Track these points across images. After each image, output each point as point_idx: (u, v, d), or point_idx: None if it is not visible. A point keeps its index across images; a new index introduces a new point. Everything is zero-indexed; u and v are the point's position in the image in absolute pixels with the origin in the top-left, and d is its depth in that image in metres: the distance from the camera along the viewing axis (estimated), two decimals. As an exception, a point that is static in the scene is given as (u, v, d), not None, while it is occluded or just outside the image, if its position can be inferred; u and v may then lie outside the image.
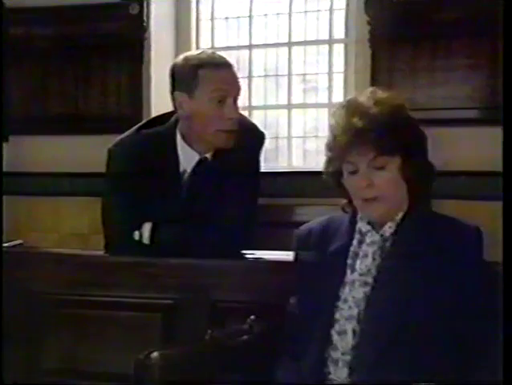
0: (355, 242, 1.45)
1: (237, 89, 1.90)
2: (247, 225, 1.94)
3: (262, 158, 2.10)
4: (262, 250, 1.89)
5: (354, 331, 1.38)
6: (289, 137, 3.40)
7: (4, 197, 2.87)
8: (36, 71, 3.38)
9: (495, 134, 2.77)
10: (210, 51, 1.96)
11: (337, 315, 1.40)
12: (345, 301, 1.40)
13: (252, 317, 1.53)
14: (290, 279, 1.56)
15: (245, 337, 1.51)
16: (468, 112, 2.85)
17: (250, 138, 2.00)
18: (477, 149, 2.80)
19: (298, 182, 3.13)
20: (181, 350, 1.49)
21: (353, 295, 1.39)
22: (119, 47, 3.31)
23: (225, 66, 1.88)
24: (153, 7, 3.33)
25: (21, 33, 3.32)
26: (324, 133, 3.34)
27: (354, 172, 1.39)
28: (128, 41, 3.30)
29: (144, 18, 3.30)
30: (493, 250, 1.45)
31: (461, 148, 2.76)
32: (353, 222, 1.48)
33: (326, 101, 3.34)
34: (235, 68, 1.94)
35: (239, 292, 1.74)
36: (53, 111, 3.41)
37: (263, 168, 2.18)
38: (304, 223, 3.04)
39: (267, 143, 3.34)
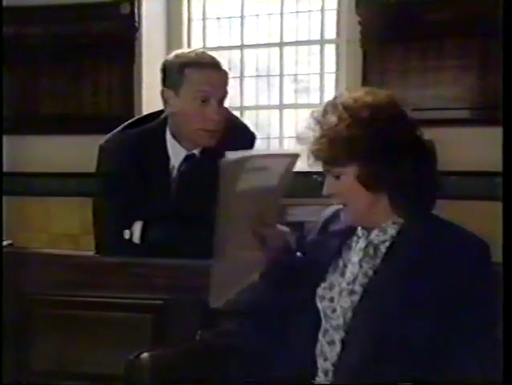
0: (353, 243, 1.41)
1: (223, 91, 1.88)
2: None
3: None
4: (253, 250, 1.89)
5: (342, 341, 1.34)
6: (280, 137, 3.40)
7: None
8: (27, 71, 3.37)
9: (486, 134, 2.80)
10: (201, 51, 1.95)
11: (327, 325, 1.37)
12: (334, 310, 1.37)
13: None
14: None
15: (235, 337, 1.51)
16: (458, 112, 2.86)
17: (240, 137, 2.00)
18: (467, 149, 2.82)
19: (290, 182, 3.13)
20: (172, 351, 1.49)
21: (341, 304, 1.36)
22: (110, 47, 3.30)
23: (212, 66, 1.87)
24: (145, 7, 3.32)
25: (12, 32, 3.30)
26: (316, 133, 3.35)
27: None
28: (120, 40, 3.30)
29: (136, 18, 3.29)
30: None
31: (452, 148, 2.77)
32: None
33: (317, 101, 3.34)
34: (225, 69, 1.93)
35: (230, 292, 1.73)
36: (43, 111, 3.41)
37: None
38: (295, 223, 3.03)
39: (259, 144, 3.36)
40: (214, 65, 1.87)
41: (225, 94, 1.89)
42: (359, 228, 1.40)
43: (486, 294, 1.28)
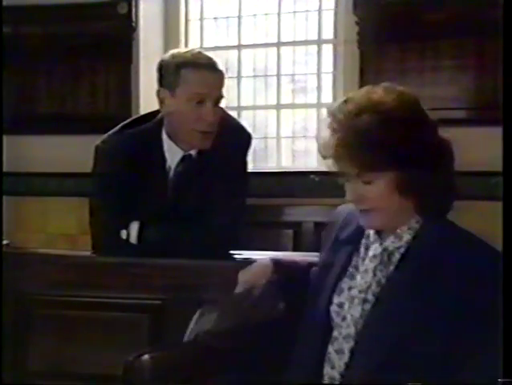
0: (362, 247, 1.36)
1: (219, 92, 1.88)
2: (233, 225, 1.94)
3: (250, 158, 2.09)
4: (250, 250, 1.89)
5: (351, 351, 1.30)
6: (278, 137, 3.40)
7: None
8: (23, 70, 3.36)
9: (482, 134, 2.81)
10: (198, 51, 1.94)
11: (335, 333, 1.33)
12: (344, 318, 1.32)
13: (240, 317, 1.52)
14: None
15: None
16: (455, 112, 2.86)
17: (237, 137, 2.00)
18: (464, 149, 2.82)
19: (287, 182, 3.14)
20: (171, 352, 1.48)
21: (351, 313, 1.31)
22: (107, 47, 3.29)
23: (209, 67, 1.86)
24: (142, 7, 3.32)
25: (8, 31, 3.29)
26: (313, 133, 3.35)
27: (347, 180, 1.29)
28: (117, 40, 3.29)
29: (133, 18, 3.29)
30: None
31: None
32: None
33: (315, 101, 3.35)
34: (221, 70, 1.91)
35: (228, 292, 1.73)
36: (41, 111, 3.40)
37: (252, 168, 2.18)
38: (293, 223, 3.05)
39: (256, 144, 3.36)
40: (210, 66, 1.87)
41: (220, 95, 1.89)
42: (372, 232, 1.35)
43: (497, 304, 1.21)
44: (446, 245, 1.27)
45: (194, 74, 1.84)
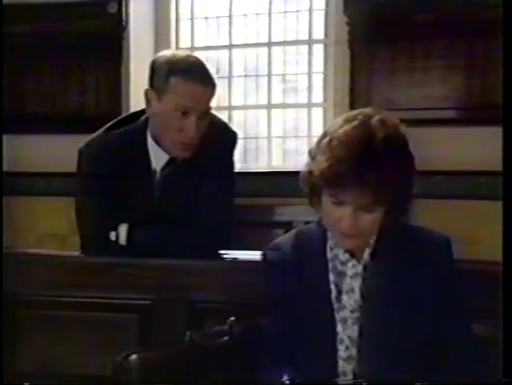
0: (331, 270, 1.36)
1: (206, 106, 1.84)
2: (222, 225, 1.93)
3: (241, 158, 2.09)
4: (241, 250, 1.89)
5: (354, 373, 1.31)
6: (269, 137, 3.40)
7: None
8: (12, 70, 3.33)
9: (471, 134, 2.83)
10: (193, 59, 1.86)
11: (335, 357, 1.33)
12: (341, 341, 1.32)
13: (232, 318, 1.52)
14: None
15: (225, 338, 1.50)
16: (445, 112, 2.88)
17: (222, 137, 1.98)
18: (453, 149, 2.84)
19: (278, 182, 3.13)
20: (160, 353, 1.47)
21: (348, 334, 1.32)
22: (97, 46, 3.28)
23: (200, 80, 1.80)
24: (132, 6, 3.31)
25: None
26: (304, 133, 3.36)
27: (338, 204, 1.26)
28: (107, 40, 3.28)
29: (123, 17, 3.28)
30: (464, 248, 1.47)
31: (438, 148, 2.79)
32: (325, 241, 1.38)
33: (305, 101, 3.35)
34: (213, 82, 1.85)
35: (217, 292, 1.73)
36: (30, 110, 3.38)
37: (243, 168, 2.17)
38: (284, 223, 3.05)
39: (247, 144, 3.36)
40: (203, 79, 1.81)
41: (208, 108, 1.85)
42: (341, 252, 1.35)
43: (461, 285, 1.33)
44: (404, 245, 1.33)
45: (184, 86, 1.79)
